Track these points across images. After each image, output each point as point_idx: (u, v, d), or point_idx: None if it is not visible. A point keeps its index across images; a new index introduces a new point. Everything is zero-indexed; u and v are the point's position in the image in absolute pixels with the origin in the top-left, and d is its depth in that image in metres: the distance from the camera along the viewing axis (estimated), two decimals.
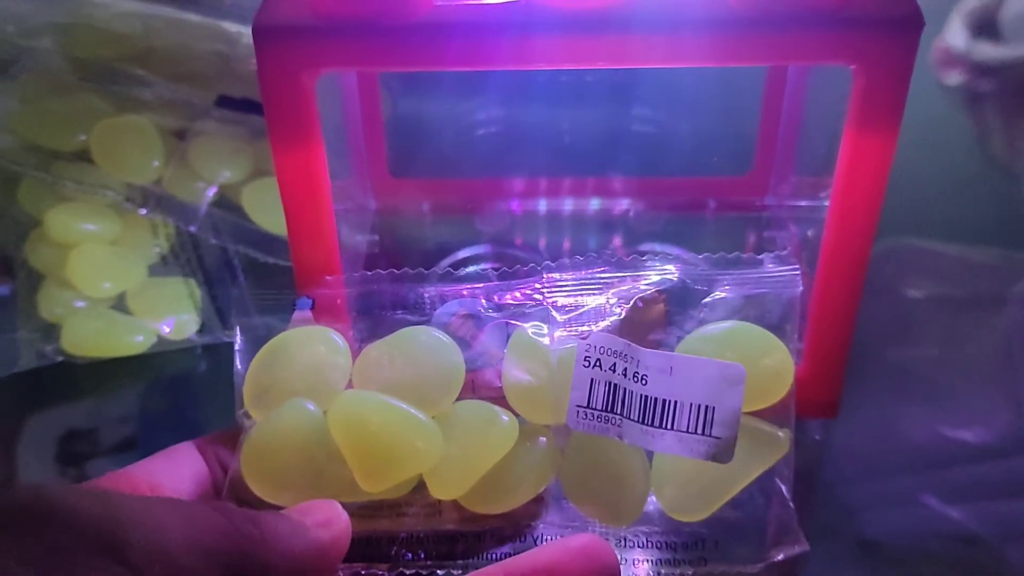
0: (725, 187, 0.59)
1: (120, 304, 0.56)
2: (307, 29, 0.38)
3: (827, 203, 0.41)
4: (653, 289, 0.41)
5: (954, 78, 0.81)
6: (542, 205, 0.57)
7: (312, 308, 0.43)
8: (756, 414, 0.40)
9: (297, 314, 0.43)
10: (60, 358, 0.54)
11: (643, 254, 0.42)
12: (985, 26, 0.82)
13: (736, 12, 0.37)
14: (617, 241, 0.55)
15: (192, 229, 0.56)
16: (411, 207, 0.58)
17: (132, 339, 0.55)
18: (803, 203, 0.55)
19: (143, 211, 0.56)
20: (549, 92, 0.64)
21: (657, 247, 0.54)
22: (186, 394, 0.58)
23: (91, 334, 0.55)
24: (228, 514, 0.34)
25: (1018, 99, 0.80)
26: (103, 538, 0.30)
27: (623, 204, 0.56)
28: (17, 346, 0.55)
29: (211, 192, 0.57)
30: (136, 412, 0.56)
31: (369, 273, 0.42)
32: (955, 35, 0.81)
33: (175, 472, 0.39)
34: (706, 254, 0.41)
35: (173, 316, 0.56)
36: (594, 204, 0.56)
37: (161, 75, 0.59)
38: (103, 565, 0.30)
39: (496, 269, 0.42)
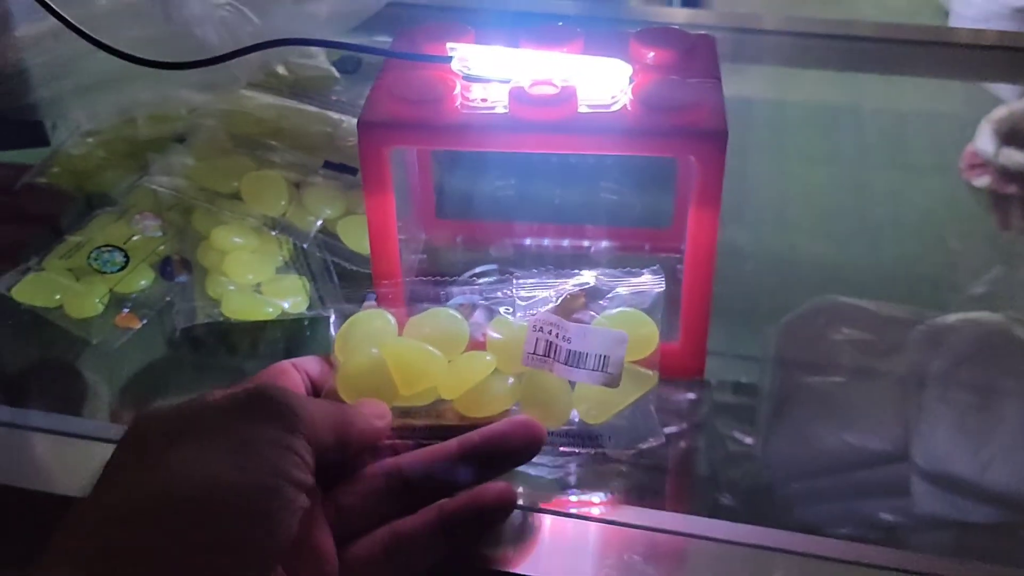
0: (654, 235, 0.73)
1: (257, 289, 0.69)
2: (385, 124, 0.58)
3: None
4: (578, 289, 0.57)
5: (982, 180, 0.84)
6: (534, 241, 0.73)
7: (376, 300, 0.58)
8: (636, 363, 0.55)
9: (366, 303, 0.58)
10: (221, 319, 0.68)
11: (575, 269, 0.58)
12: (1013, 134, 0.86)
13: (634, 126, 0.57)
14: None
15: (304, 246, 0.70)
16: (449, 239, 0.74)
17: (265, 309, 0.68)
18: None
19: (274, 232, 0.70)
20: (545, 167, 0.79)
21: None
22: (298, 345, 0.70)
23: (241, 305, 0.68)
24: (337, 406, 0.49)
25: None
26: (288, 418, 0.45)
27: (587, 243, 0.73)
28: (196, 311, 0.68)
29: (318, 223, 0.71)
30: (267, 354, 0.69)
31: (414, 279, 0.59)
32: (984, 141, 0.85)
33: (292, 377, 0.53)
34: (611, 270, 0.57)
35: (291, 298, 0.68)
36: (566, 243, 0.72)
37: (288, 145, 0.74)
38: (288, 432, 0.44)
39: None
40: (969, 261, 0.75)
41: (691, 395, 0.63)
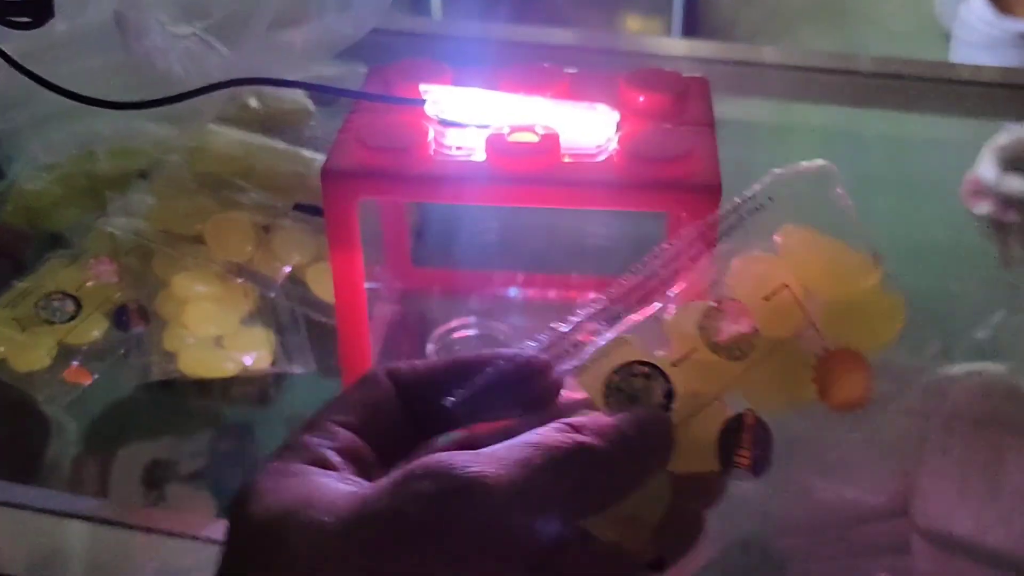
0: None
1: (219, 343, 0.66)
2: (352, 173, 0.54)
3: None
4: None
5: (983, 208, 0.84)
6: (511, 293, 0.70)
7: None
8: None
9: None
10: (176, 375, 0.65)
11: None
12: (1014, 161, 0.85)
13: (620, 178, 0.53)
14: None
15: (271, 294, 0.67)
16: (426, 288, 0.72)
17: (225, 366, 0.65)
18: None
19: (239, 280, 0.66)
20: (530, 211, 0.70)
21: None
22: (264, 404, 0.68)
23: (199, 360, 0.66)
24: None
25: None
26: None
27: (572, 294, 0.70)
28: (151, 367, 0.65)
29: (286, 270, 0.68)
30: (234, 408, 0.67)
31: None
32: (986, 168, 0.84)
33: None
34: None
35: (254, 353, 0.66)
36: (551, 293, 0.70)
37: (256, 185, 0.71)
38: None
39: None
40: (971, 301, 0.73)
41: None
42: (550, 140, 0.54)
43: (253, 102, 0.81)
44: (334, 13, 0.82)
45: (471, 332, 0.67)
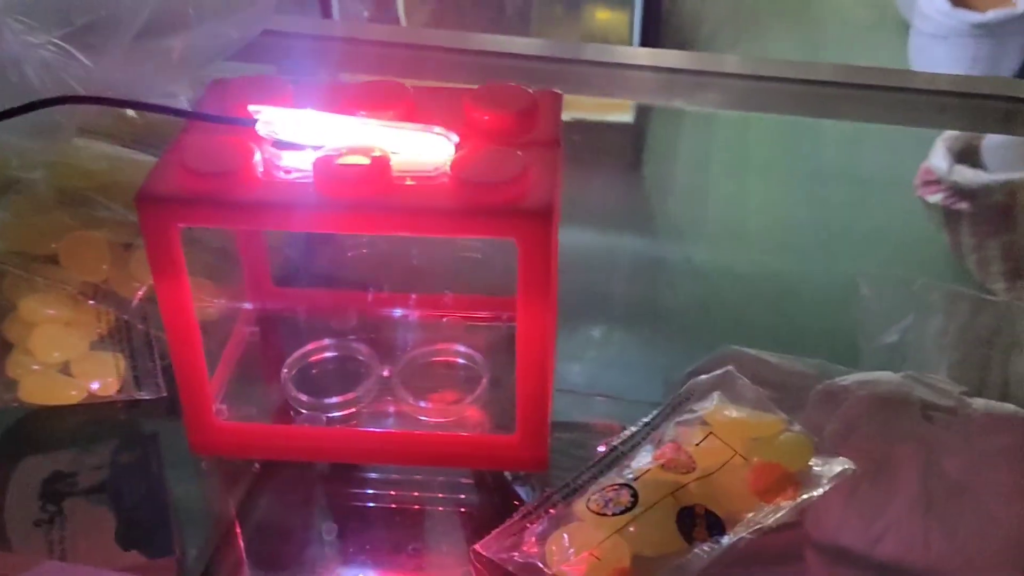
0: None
1: (65, 368, 0.64)
2: (169, 198, 0.51)
3: None
4: None
5: (935, 197, 0.85)
6: (383, 313, 0.68)
7: None
8: None
9: None
10: (15, 404, 0.63)
11: None
12: (966, 151, 0.88)
13: (449, 203, 0.50)
14: None
15: (125, 317, 0.64)
16: (287, 309, 0.69)
17: (68, 392, 0.63)
18: None
19: (92, 302, 0.64)
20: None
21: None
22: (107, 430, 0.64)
23: (40, 387, 0.63)
24: None
25: (991, 220, 0.84)
26: None
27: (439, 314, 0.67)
28: None
29: (142, 290, 0.65)
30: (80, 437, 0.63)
31: None
32: (938, 158, 0.87)
33: None
34: None
35: (100, 379, 0.63)
36: (413, 315, 0.67)
37: (118, 202, 0.68)
38: None
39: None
40: (887, 304, 0.72)
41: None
42: (380, 163, 0.52)
43: (131, 112, 0.77)
44: (215, 18, 0.79)
45: (329, 354, 0.64)
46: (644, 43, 1.94)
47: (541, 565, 0.50)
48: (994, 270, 0.80)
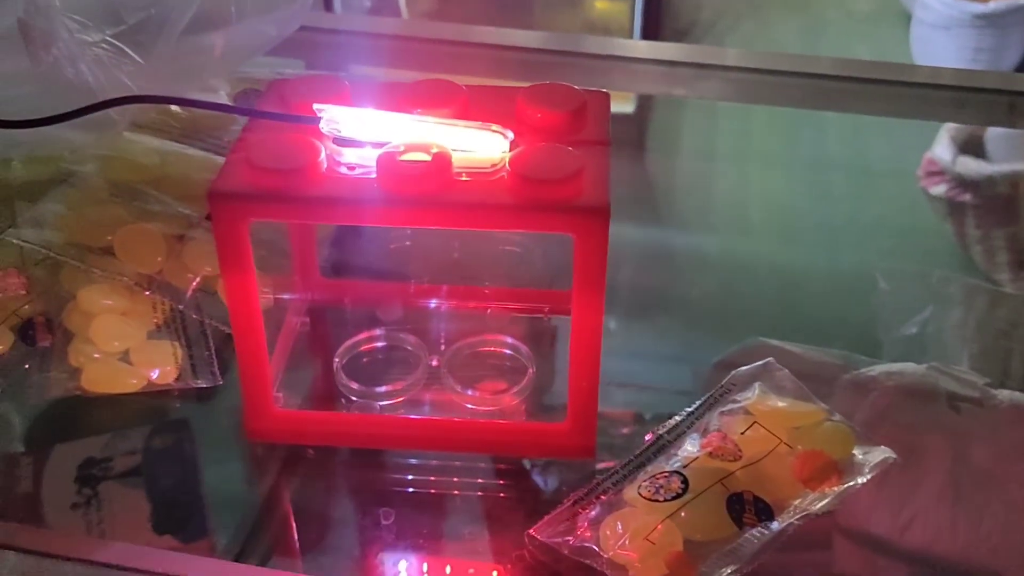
0: (555, 296, 0.68)
1: (125, 357, 0.65)
2: (239, 194, 0.53)
3: None
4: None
5: (939, 188, 0.86)
6: (427, 304, 0.69)
7: None
8: None
9: None
10: (78, 392, 0.64)
11: None
12: (969, 142, 0.89)
13: (508, 199, 0.52)
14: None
15: (180, 307, 0.66)
16: (335, 300, 0.71)
17: (129, 381, 0.64)
18: None
19: (147, 292, 0.66)
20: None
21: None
22: (165, 418, 0.67)
23: (101, 376, 0.64)
24: None
25: (996, 211, 0.85)
26: None
27: (484, 305, 0.69)
28: (49, 383, 0.64)
29: (196, 281, 0.66)
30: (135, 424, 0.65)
31: None
32: (942, 149, 0.87)
33: None
34: None
35: (160, 368, 0.65)
36: (457, 306, 0.69)
37: (169, 195, 0.69)
38: None
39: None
40: (905, 297, 0.74)
41: None
42: (441, 160, 0.53)
43: (174, 107, 0.78)
44: (256, 15, 0.81)
45: (379, 344, 0.66)
46: (645, 31, 1.95)
47: (596, 549, 0.52)
48: (999, 260, 0.81)
